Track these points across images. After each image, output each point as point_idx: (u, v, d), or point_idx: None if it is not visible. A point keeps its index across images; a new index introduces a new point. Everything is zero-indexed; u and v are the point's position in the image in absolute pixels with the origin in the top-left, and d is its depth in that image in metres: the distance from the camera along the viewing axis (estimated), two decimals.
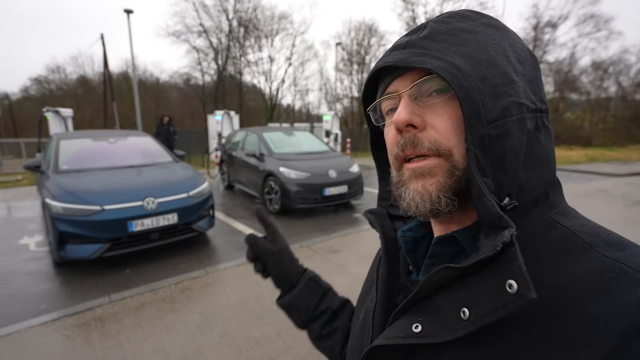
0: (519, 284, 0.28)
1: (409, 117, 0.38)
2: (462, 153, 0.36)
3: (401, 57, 0.38)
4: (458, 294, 0.34)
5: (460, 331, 0.32)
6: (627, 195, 6.95)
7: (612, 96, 25.29)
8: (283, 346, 2.30)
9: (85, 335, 2.40)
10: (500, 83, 0.35)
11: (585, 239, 0.34)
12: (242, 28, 24.76)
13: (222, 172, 7.94)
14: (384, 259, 0.51)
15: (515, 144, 0.35)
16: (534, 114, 0.38)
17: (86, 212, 3.29)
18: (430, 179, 0.38)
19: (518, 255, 0.29)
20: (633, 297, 0.28)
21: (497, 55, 0.37)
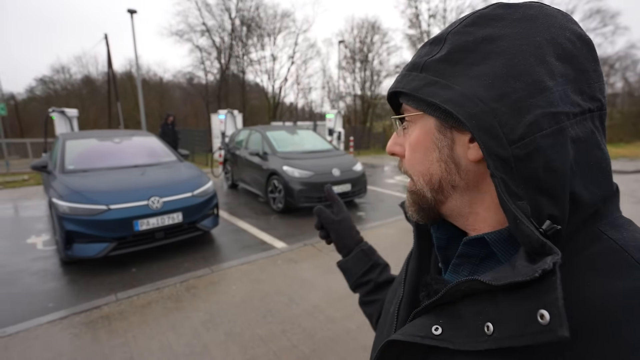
0: (551, 317, 0.27)
1: (390, 148, 0.47)
2: (415, 179, 0.43)
3: (414, 85, 0.39)
4: (484, 307, 0.33)
5: (482, 345, 0.31)
6: (635, 193, 6.89)
7: (619, 92, 25.04)
8: (288, 344, 2.31)
9: (92, 333, 2.43)
10: (525, 96, 0.32)
11: (634, 254, 0.31)
12: (245, 27, 24.77)
13: (226, 171, 7.97)
14: (415, 253, 0.51)
15: (552, 159, 0.32)
16: (581, 117, 0.34)
17: (93, 211, 3.33)
18: (408, 193, 0.46)
19: (557, 286, 0.27)
20: None
21: (526, 61, 0.33)
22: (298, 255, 3.80)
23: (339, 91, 21.59)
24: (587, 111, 0.34)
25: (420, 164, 0.42)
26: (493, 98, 0.33)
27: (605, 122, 0.37)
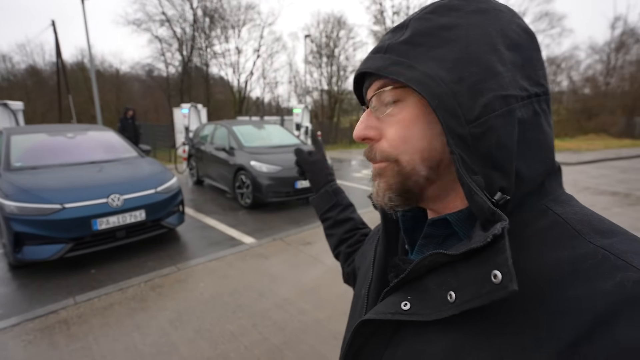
0: (503, 275, 0.29)
1: (362, 132, 0.43)
2: (407, 158, 0.40)
3: (379, 65, 0.39)
4: (447, 278, 0.35)
5: (445, 312, 0.34)
6: (577, 183, 7.55)
7: (565, 90, 27.13)
8: (259, 337, 2.32)
9: (49, 339, 2.30)
10: (480, 79, 0.35)
11: (575, 226, 0.34)
12: (208, 18, 23.90)
13: (191, 167, 7.73)
14: (383, 238, 0.53)
15: (503, 138, 0.35)
16: (527, 101, 0.37)
17: (44, 211, 3.11)
18: (382, 178, 0.43)
19: (506, 248, 0.30)
20: (609, 283, 0.28)
21: (480, 48, 0.36)
22: (267, 250, 3.80)
23: (305, 86, 21.55)
24: (533, 95, 0.38)
25: (419, 140, 0.39)
26: (453, 80, 0.35)
27: (550, 105, 0.41)
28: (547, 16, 24.78)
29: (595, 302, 0.28)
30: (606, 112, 23.30)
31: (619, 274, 0.29)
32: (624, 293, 0.27)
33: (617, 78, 24.87)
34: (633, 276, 0.28)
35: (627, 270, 0.29)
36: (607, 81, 25.19)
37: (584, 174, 8.61)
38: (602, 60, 25.53)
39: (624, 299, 0.27)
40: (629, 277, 0.28)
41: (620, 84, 24.66)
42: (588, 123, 23.41)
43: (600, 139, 19.93)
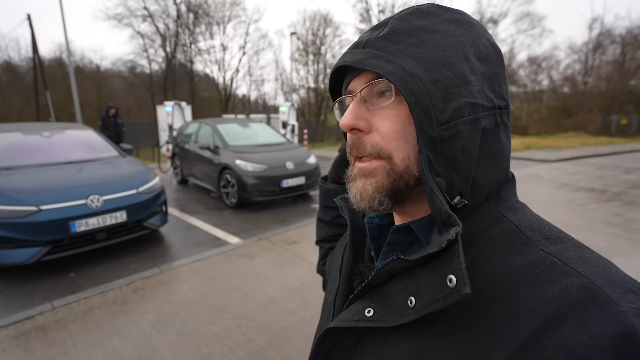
0: (457, 279, 0.30)
1: (352, 121, 0.40)
2: (402, 156, 0.38)
3: (358, 58, 0.39)
4: (407, 284, 0.36)
5: (406, 318, 0.34)
6: (556, 179, 7.76)
7: (545, 89, 27.85)
8: (244, 338, 2.31)
9: (25, 346, 2.22)
10: (454, 84, 0.36)
11: (527, 233, 0.36)
12: (192, 13, 23.48)
13: (175, 166, 7.60)
14: (350, 245, 0.53)
15: (467, 143, 0.36)
16: (491, 112, 0.38)
17: (19, 213, 3.00)
18: (370, 179, 0.40)
19: (460, 252, 0.31)
20: (557, 288, 0.30)
21: (454, 55, 0.37)
22: (253, 250, 3.77)
23: (292, 84, 21.44)
24: (496, 107, 0.39)
25: (415, 138, 0.38)
26: (430, 80, 0.36)
27: (509, 119, 0.43)
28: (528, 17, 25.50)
29: (545, 306, 0.29)
30: (584, 110, 24.04)
31: (565, 279, 0.30)
32: (568, 298, 0.29)
33: (595, 77, 25.68)
34: (577, 281, 0.30)
35: (572, 275, 0.30)
36: (585, 80, 25.99)
37: (563, 171, 8.87)
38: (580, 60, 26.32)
39: (568, 304, 0.29)
40: (573, 283, 0.30)
41: (598, 84, 25.47)
42: (567, 121, 24.12)
43: (578, 136, 20.56)
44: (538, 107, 27.39)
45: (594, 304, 0.28)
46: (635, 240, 3.98)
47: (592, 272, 0.31)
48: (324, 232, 0.84)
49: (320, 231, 0.85)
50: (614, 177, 7.96)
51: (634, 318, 0.27)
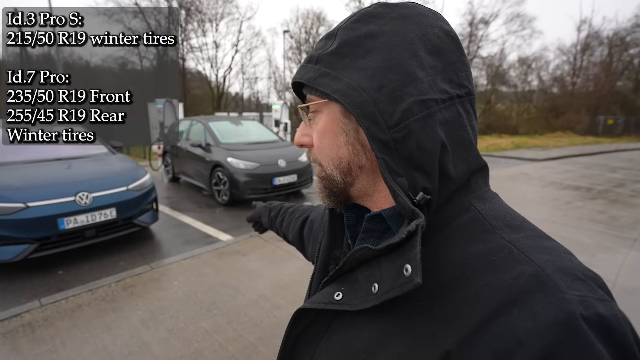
0: (412, 269, 0.32)
1: (298, 140, 0.49)
2: (325, 165, 0.45)
3: (310, 76, 0.43)
4: (373, 271, 0.38)
5: (369, 303, 0.36)
6: (544, 178, 7.90)
7: (535, 89, 28.25)
8: (234, 334, 2.32)
9: (11, 344, 2.20)
10: (400, 85, 0.36)
11: (491, 221, 0.37)
12: (184, 10, 23.25)
13: (166, 164, 7.54)
14: (327, 232, 0.55)
15: (422, 140, 0.37)
16: (449, 103, 0.38)
17: (6, 210, 2.96)
18: (318, 182, 0.49)
19: (417, 244, 0.32)
20: (510, 276, 0.31)
21: (400, 55, 0.37)
22: (244, 247, 3.78)
23: (285, 82, 21.39)
24: (455, 97, 0.39)
25: (329, 149, 0.44)
26: (374, 88, 0.37)
27: (475, 105, 0.43)
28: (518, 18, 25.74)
29: (497, 293, 0.30)
30: (572, 110, 24.46)
31: (518, 267, 0.31)
32: (519, 285, 0.30)
33: (583, 78, 26.16)
34: (528, 269, 0.31)
35: (525, 263, 0.31)
36: (573, 81, 26.45)
37: (551, 170, 9.04)
38: (569, 61, 26.79)
39: (518, 291, 0.30)
40: (525, 270, 0.31)
41: (585, 84, 25.96)
42: (556, 121, 24.51)
43: (566, 136, 20.93)
44: (528, 107, 27.78)
45: (540, 291, 0.29)
46: (618, 237, 4.09)
47: (544, 260, 0.31)
48: (284, 229, 0.98)
49: (287, 231, 0.96)
50: (600, 176, 8.14)
51: (577, 305, 0.28)
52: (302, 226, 0.86)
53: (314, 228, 0.78)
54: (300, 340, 0.46)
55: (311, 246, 0.77)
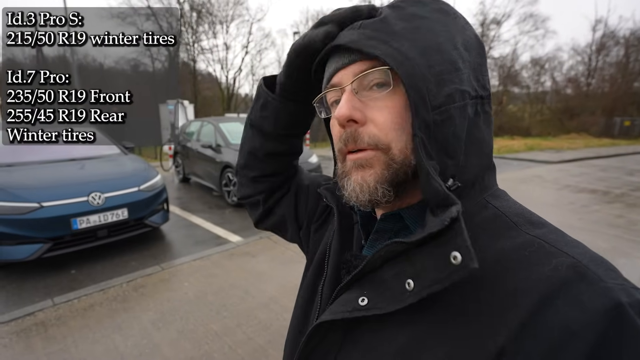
0: (463, 255, 0.30)
1: (350, 112, 0.38)
2: (400, 147, 0.38)
3: (353, 38, 0.39)
4: (403, 268, 0.35)
5: (406, 301, 0.34)
6: (558, 181, 7.73)
7: (548, 90, 27.74)
8: (243, 337, 2.30)
9: (25, 342, 2.23)
10: (446, 70, 0.36)
11: (512, 218, 0.38)
12: (195, 12, 23.53)
13: (177, 165, 7.61)
14: (337, 234, 0.52)
15: (457, 129, 0.37)
16: (475, 100, 0.40)
17: (21, 209, 3.01)
18: (369, 170, 0.39)
19: (463, 229, 0.31)
20: (547, 268, 0.31)
21: (446, 42, 0.38)
22: (254, 249, 3.77)
23: None
24: (478, 97, 0.40)
25: (397, 131, 0.38)
26: (425, 65, 0.36)
27: (491, 109, 0.44)
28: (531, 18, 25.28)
29: (538, 285, 0.31)
30: (587, 112, 23.93)
31: (554, 259, 0.32)
32: (559, 277, 0.30)
33: (598, 79, 25.56)
34: (565, 261, 0.31)
35: (560, 256, 0.32)
36: (588, 82, 25.86)
37: (565, 172, 8.84)
38: (583, 62, 26.19)
39: (560, 282, 0.30)
40: (562, 262, 0.31)
41: (601, 85, 25.35)
42: (570, 122, 24.00)
43: (581, 138, 20.47)
44: (541, 108, 27.28)
45: (583, 281, 0.30)
46: (637, 242, 3.96)
47: (577, 253, 0.32)
48: (269, 167, 0.64)
49: (262, 165, 0.64)
50: (617, 179, 7.92)
51: (620, 292, 0.29)
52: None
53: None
54: (315, 354, 0.43)
55: (310, 240, 0.65)
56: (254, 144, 0.63)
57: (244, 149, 0.66)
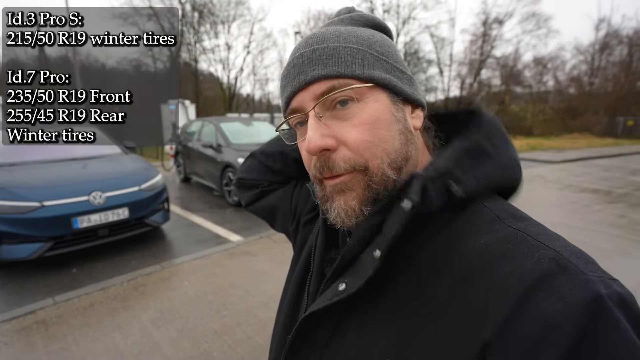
0: (412, 201, 0.35)
1: (321, 142, 0.38)
2: (377, 164, 0.38)
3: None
4: (375, 241, 0.38)
5: (372, 269, 0.36)
6: (560, 180, 7.70)
7: (550, 90, 27.61)
8: (243, 336, 2.31)
9: (26, 340, 2.24)
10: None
11: (495, 212, 0.38)
12: (197, 13, 23.58)
13: (178, 165, 7.63)
14: (322, 230, 0.52)
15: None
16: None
17: (22, 209, 3.02)
18: (350, 193, 0.39)
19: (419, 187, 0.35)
20: (530, 261, 0.31)
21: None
22: (254, 248, 3.77)
23: None
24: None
25: (386, 142, 0.38)
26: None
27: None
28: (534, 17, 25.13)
29: (521, 278, 0.31)
30: (590, 111, 23.82)
31: (536, 252, 0.32)
32: (542, 269, 0.31)
33: (601, 78, 25.42)
34: (547, 254, 0.32)
35: (542, 249, 0.32)
36: (591, 81, 25.74)
37: (567, 172, 8.80)
38: (586, 61, 26.05)
39: (542, 275, 0.30)
40: (544, 255, 0.31)
41: (604, 85, 25.21)
42: (572, 122, 23.89)
43: (584, 137, 20.37)
44: (543, 108, 27.15)
45: (563, 274, 0.30)
46: (639, 242, 3.93)
47: (558, 246, 0.33)
48: (264, 175, 0.75)
49: (258, 174, 0.76)
50: (619, 179, 7.88)
51: (599, 285, 0.29)
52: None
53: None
54: (303, 348, 0.43)
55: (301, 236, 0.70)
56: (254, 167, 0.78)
57: (245, 167, 0.80)
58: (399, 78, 0.41)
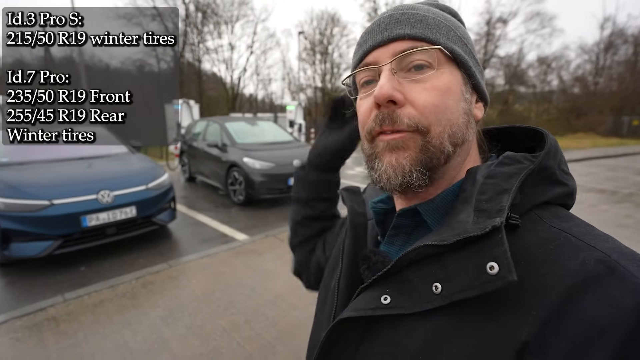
0: (500, 267, 0.30)
1: (392, 92, 0.37)
2: (438, 131, 0.37)
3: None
4: (432, 270, 0.35)
5: (431, 304, 0.34)
6: None
7: (555, 89, 27.46)
8: (251, 333, 2.32)
9: (37, 337, 2.27)
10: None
11: (536, 211, 0.36)
12: (200, 13, 23.65)
13: (183, 164, 7.66)
14: (350, 231, 0.52)
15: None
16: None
17: (32, 207, 3.06)
18: (403, 152, 0.38)
19: (504, 241, 0.30)
20: (574, 262, 0.30)
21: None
22: (260, 247, 3.79)
23: (299, 83, 21.49)
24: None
25: (452, 112, 0.38)
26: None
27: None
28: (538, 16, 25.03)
29: (564, 280, 0.30)
30: (595, 111, 23.65)
31: (581, 253, 0.31)
32: (587, 271, 0.29)
33: (606, 78, 25.24)
34: (593, 255, 0.30)
35: (587, 250, 0.31)
36: (596, 81, 25.56)
37: (573, 172, 8.58)
38: (591, 60, 25.88)
39: (587, 277, 0.29)
40: (590, 256, 0.30)
41: (609, 84, 25.04)
42: (577, 122, 23.74)
43: (588, 137, 20.24)
44: (547, 107, 27.00)
45: (612, 276, 0.29)
46: None
47: (606, 247, 0.31)
48: (309, 230, 0.75)
49: (304, 230, 0.76)
50: (625, 179, 7.84)
51: None
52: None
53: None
54: (333, 350, 0.42)
55: (322, 252, 0.72)
56: (293, 213, 0.77)
57: (289, 225, 0.80)
58: (474, 64, 0.42)
